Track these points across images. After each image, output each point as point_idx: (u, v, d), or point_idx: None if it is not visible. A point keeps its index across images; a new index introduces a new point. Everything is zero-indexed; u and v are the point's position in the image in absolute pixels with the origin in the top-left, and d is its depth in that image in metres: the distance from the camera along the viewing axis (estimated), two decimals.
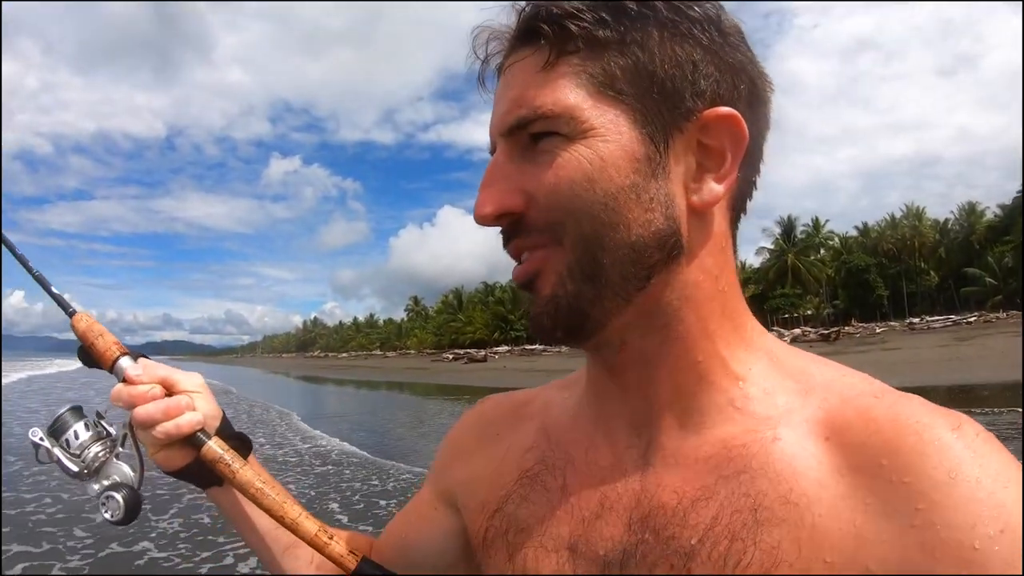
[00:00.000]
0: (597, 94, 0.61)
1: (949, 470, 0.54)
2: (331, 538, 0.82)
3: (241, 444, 0.87)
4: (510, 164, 0.65)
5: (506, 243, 0.67)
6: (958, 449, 0.55)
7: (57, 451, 0.82)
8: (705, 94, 0.62)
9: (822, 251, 75.59)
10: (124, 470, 0.84)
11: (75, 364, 0.97)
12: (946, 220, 73.91)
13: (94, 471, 0.83)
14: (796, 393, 0.64)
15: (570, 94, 0.61)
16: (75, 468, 0.82)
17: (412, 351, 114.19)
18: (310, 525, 0.81)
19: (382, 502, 9.47)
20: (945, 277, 71.32)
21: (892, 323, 56.27)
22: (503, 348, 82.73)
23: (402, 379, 52.32)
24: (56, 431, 0.83)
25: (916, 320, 53.12)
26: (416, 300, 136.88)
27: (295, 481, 10.87)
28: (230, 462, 0.82)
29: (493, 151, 0.68)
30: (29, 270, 0.89)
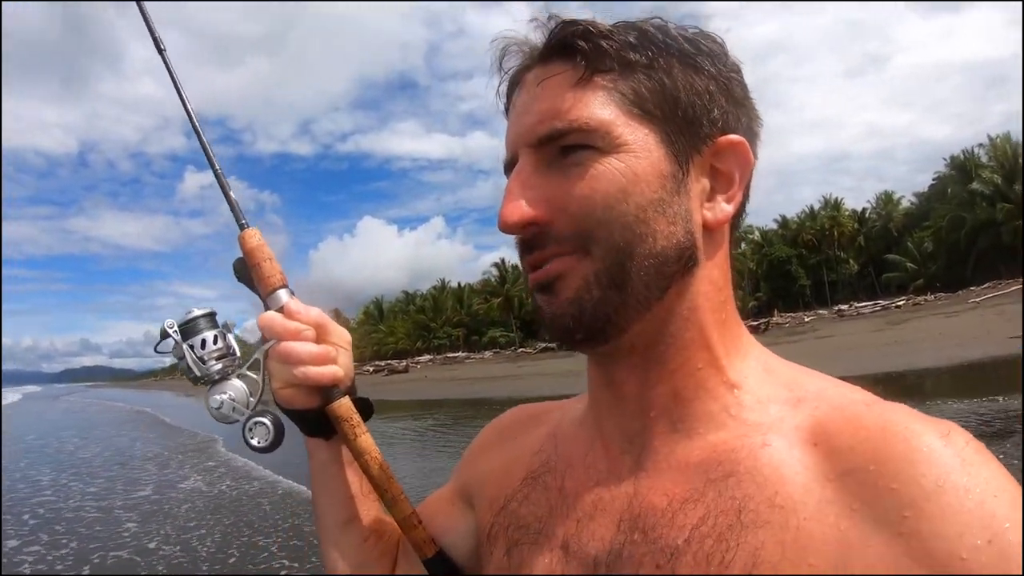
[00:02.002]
0: (628, 112, 0.65)
1: (937, 478, 0.54)
2: (419, 523, 0.84)
3: (365, 408, 0.87)
4: (536, 175, 0.67)
5: (526, 252, 0.69)
6: (947, 457, 0.55)
7: (186, 349, 0.84)
8: (718, 122, 0.67)
9: (743, 244, 75.56)
10: (241, 390, 0.85)
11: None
12: (863, 210, 75.67)
13: (213, 382, 0.85)
14: (788, 402, 0.66)
15: (605, 110, 0.64)
16: (197, 373, 0.84)
17: None
18: (406, 506, 0.84)
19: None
20: (865, 264, 72.63)
21: (820, 311, 56.50)
22: (425, 357, 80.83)
23: None
24: (187, 331, 0.85)
25: (845, 307, 53.04)
26: (337, 312, 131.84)
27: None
28: (355, 424, 0.84)
29: (510, 162, 0.70)
30: (212, 166, 0.91)
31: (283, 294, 0.83)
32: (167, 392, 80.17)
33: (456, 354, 79.13)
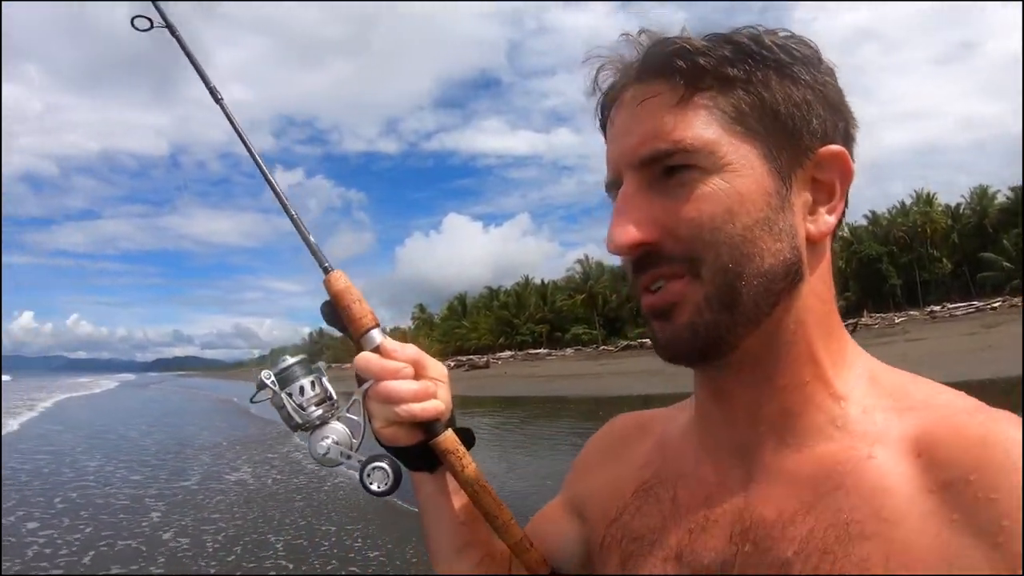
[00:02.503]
0: (731, 130, 0.65)
1: None
2: (530, 546, 0.84)
3: (467, 438, 0.86)
4: (641, 195, 0.67)
5: (637, 271, 0.69)
6: None
7: (285, 398, 0.84)
8: (817, 133, 0.66)
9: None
10: (343, 433, 0.85)
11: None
12: (957, 205, 71.99)
13: (313, 428, 0.85)
14: (893, 411, 0.66)
15: (708, 129, 0.64)
16: (298, 420, 0.84)
17: None
18: (517, 531, 0.84)
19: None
20: (959, 263, 69.32)
21: (911, 312, 54.63)
22: (507, 354, 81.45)
23: None
24: (284, 379, 0.85)
25: (937, 308, 51.37)
26: (422, 308, 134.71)
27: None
28: (461, 456, 0.83)
29: (614, 182, 0.71)
30: (288, 213, 0.91)
31: (376, 334, 0.84)
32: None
33: (538, 351, 79.47)
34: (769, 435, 0.69)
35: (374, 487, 0.83)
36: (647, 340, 0.73)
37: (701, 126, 0.64)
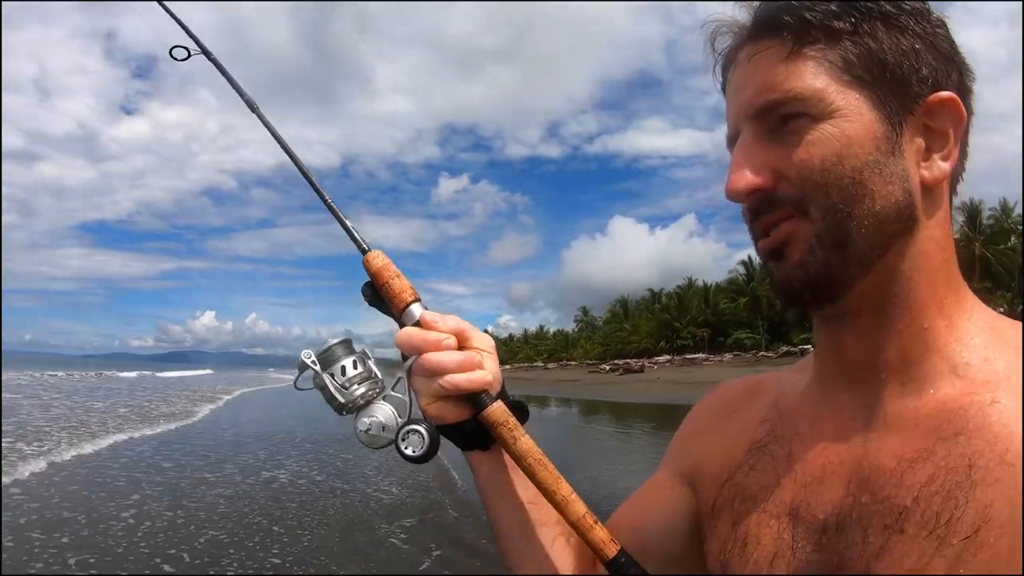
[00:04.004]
0: (838, 79, 0.67)
1: None
2: (595, 522, 0.80)
3: (519, 412, 0.83)
4: (757, 144, 0.70)
5: (753, 220, 0.72)
6: None
7: (327, 378, 0.83)
8: (927, 80, 0.67)
9: (1013, 238, 65.64)
10: (388, 413, 0.82)
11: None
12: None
13: (358, 408, 0.83)
14: (1015, 360, 0.66)
15: (816, 79, 0.67)
16: (341, 400, 0.82)
17: (574, 362, 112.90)
18: (579, 507, 0.80)
19: None
20: None
21: None
22: (663, 358, 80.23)
23: (543, 392, 51.26)
24: (325, 360, 0.83)
25: None
26: (585, 310, 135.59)
27: None
28: (512, 428, 0.80)
29: (733, 137, 0.73)
30: (326, 202, 0.92)
31: (416, 308, 0.82)
32: None
33: (695, 355, 77.78)
34: (888, 382, 0.69)
35: (408, 451, 0.80)
36: (809, 347, 0.76)
37: (810, 76, 0.67)
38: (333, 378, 0.83)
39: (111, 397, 30.36)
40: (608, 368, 77.38)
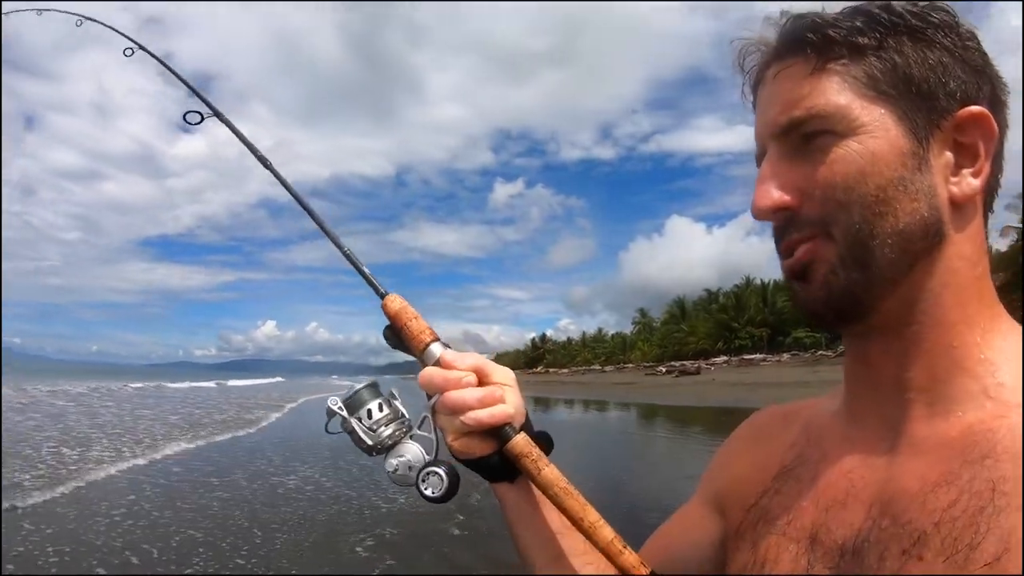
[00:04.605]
0: (863, 95, 0.66)
1: None
2: (624, 548, 0.80)
3: (544, 443, 0.85)
4: (782, 163, 0.69)
5: (779, 239, 0.71)
6: None
7: (354, 423, 0.85)
8: (956, 94, 0.66)
9: None
10: (416, 451, 0.85)
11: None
12: None
13: (386, 449, 0.85)
14: None
15: (840, 95, 0.66)
16: (369, 442, 0.85)
17: (631, 364, 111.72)
18: (607, 532, 0.80)
19: None
20: None
21: None
22: (720, 359, 78.88)
23: (597, 396, 50.82)
24: (352, 405, 0.86)
25: None
26: (643, 312, 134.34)
27: None
28: (536, 459, 0.81)
29: (761, 155, 0.72)
30: (340, 248, 0.94)
31: (436, 347, 0.84)
32: None
33: (753, 356, 76.29)
34: (916, 403, 0.68)
35: (428, 492, 0.82)
36: None
37: (834, 92, 0.66)
38: (360, 422, 0.85)
39: (162, 405, 30.98)
40: (664, 370, 76.37)
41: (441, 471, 0.82)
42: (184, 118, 1.10)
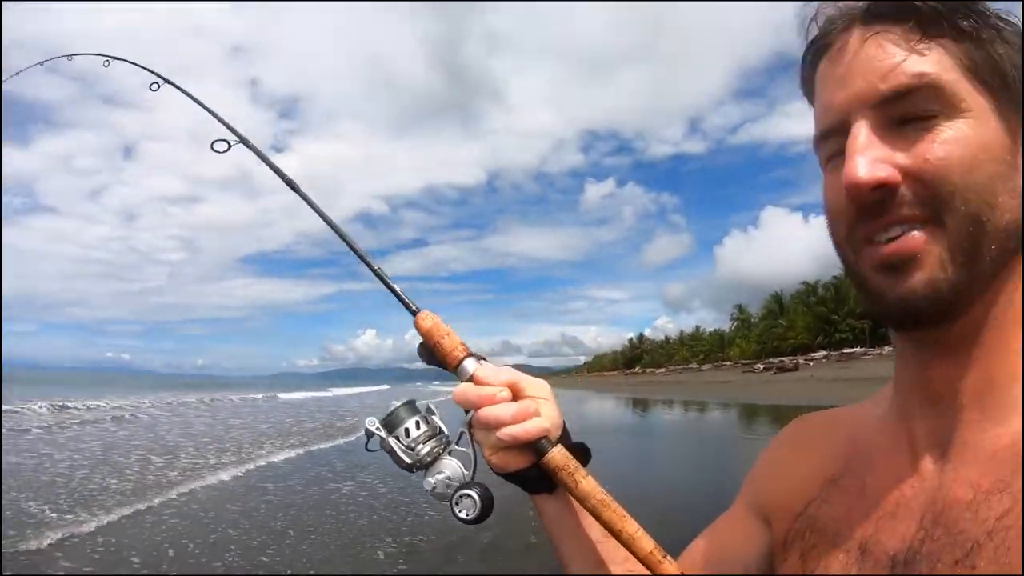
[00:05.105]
0: (967, 77, 0.62)
1: None
2: (664, 557, 0.80)
3: (581, 454, 0.85)
4: (879, 136, 0.63)
5: (864, 217, 0.64)
6: None
7: (392, 442, 0.86)
8: None
9: None
10: (455, 467, 0.86)
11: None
12: None
13: (425, 466, 0.86)
14: None
15: (949, 72, 0.61)
16: (408, 460, 0.85)
17: (729, 362, 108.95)
18: (646, 543, 0.80)
19: None
20: None
21: None
22: (819, 354, 75.79)
23: (691, 396, 49.92)
24: (390, 424, 0.87)
25: None
26: (740, 308, 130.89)
27: None
28: (573, 471, 0.82)
29: (834, 129, 0.66)
30: (371, 267, 0.94)
31: (469, 364, 0.84)
32: (585, 391, 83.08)
33: (853, 350, 73.01)
34: (971, 410, 0.65)
35: (462, 515, 0.83)
36: None
37: (943, 68, 0.61)
38: (398, 440, 0.86)
39: (297, 413, 31.66)
40: (762, 367, 74.32)
41: (474, 493, 0.83)
42: (212, 147, 1.12)
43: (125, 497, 10.29)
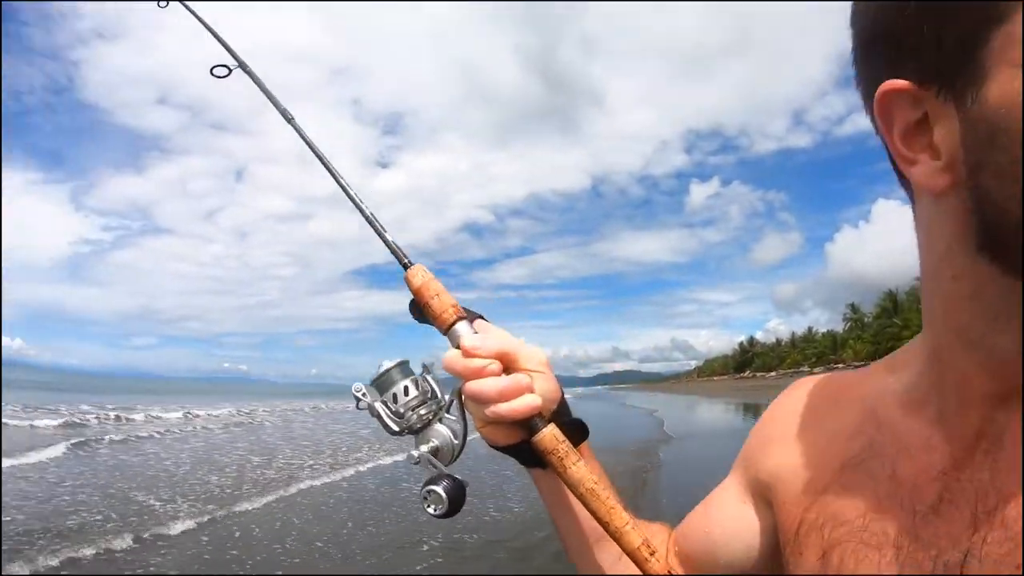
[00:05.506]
0: None
1: None
2: (652, 554, 0.76)
3: (577, 431, 0.82)
4: None
5: None
6: None
7: (379, 406, 0.82)
8: None
9: None
10: (446, 435, 0.82)
11: None
12: None
13: (415, 431, 0.82)
14: None
15: None
16: (396, 428, 0.82)
17: (841, 364, 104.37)
18: (634, 537, 0.76)
19: None
20: None
21: None
22: None
23: None
24: (381, 385, 0.84)
25: None
26: (854, 307, 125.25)
27: None
28: (562, 456, 0.77)
29: None
30: (364, 214, 0.89)
31: (460, 328, 0.79)
32: (695, 395, 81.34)
33: None
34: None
35: (430, 510, 0.78)
36: None
37: None
38: (386, 405, 0.83)
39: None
40: None
41: (440, 489, 0.77)
42: (211, 72, 1.10)
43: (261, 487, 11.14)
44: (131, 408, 31.24)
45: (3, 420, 20.01)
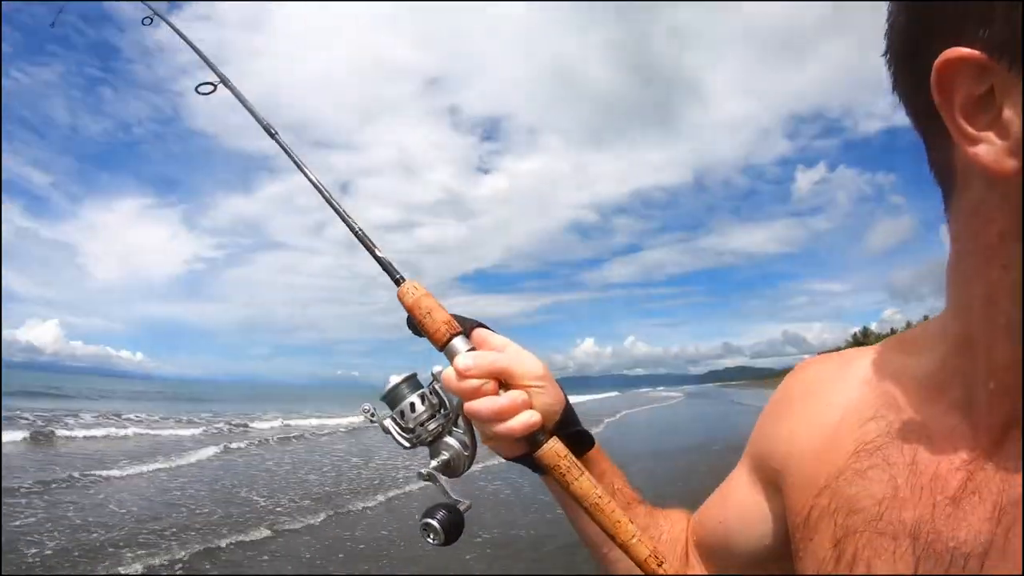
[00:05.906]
0: None
1: None
2: (660, 565, 0.75)
3: (581, 441, 0.83)
4: None
5: None
6: None
7: (389, 423, 0.84)
8: None
9: None
10: (456, 447, 0.82)
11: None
12: None
13: (426, 444, 0.84)
14: None
15: None
16: (407, 444, 0.84)
17: None
18: (642, 549, 0.76)
19: None
20: None
21: None
22: None
23: None
24: (391, 400, 0.85)
25: None
26: None
27: None
28: (564, 472, 0.77)
29: None
30: (352, 229, 0.92)
31: (458, 344, 0.79)
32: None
33: None
34: None
35: (429, 540, 0.77)
36: None
37: None
38: (394, 421, 0.83)
39: None
40: None
41: (435, 522, 0.76)
42: (196, 90, 1.13)
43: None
44: (263, 416, 32.13)
45: (150, 430, 20.97)
